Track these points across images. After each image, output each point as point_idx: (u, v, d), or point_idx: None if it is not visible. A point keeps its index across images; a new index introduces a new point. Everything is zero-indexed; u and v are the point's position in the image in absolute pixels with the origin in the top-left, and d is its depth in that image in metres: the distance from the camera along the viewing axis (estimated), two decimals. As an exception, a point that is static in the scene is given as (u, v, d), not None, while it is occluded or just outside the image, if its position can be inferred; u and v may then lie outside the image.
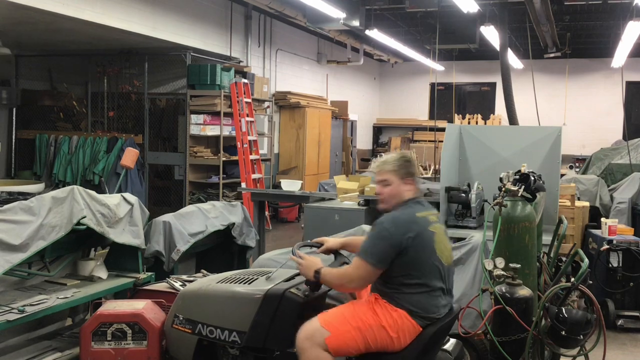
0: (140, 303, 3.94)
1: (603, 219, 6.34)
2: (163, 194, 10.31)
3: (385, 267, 3.08)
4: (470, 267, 4.54)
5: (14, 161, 10.24)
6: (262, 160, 10.62)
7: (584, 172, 9.51)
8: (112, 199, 4.57)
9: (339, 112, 14.98)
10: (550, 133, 6.24)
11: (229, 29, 10.77)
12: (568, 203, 6.88)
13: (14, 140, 10.25)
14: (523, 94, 12.69)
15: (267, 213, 9.87)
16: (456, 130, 6.65)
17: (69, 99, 10.69)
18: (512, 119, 10.99)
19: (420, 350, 3.07)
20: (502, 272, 3.80)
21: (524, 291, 3.76)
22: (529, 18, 10.71)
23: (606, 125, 16.56)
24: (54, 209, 4.08)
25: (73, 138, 9.80)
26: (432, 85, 17.02)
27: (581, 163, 12.93)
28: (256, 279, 3.56)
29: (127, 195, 4.75)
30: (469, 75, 17.99)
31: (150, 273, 4.77)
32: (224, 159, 9.85)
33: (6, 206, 3.93)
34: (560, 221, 4.93)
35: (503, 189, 4.19)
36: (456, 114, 16.71)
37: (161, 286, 4.46)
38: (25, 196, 4.71)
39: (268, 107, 11.69)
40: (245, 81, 10.06)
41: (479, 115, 17.38)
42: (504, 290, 3.76)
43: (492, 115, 17.60)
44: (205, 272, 4.78)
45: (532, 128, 7.08)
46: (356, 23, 10.35)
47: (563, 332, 3.57)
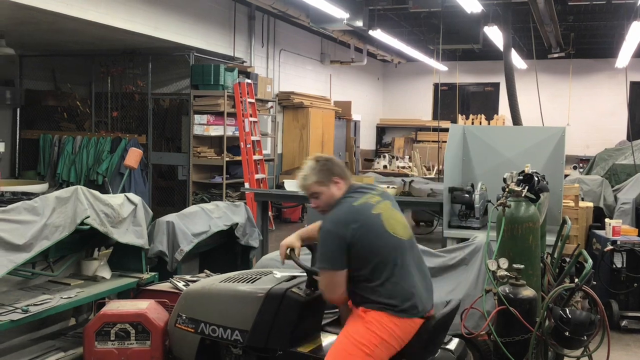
0: (143, 303, 3.94)
1: (607, 220, 6.33)
2: (166, 194, 10.32)
3: (344, 267, 3.02)
4: (473, 268, 4.54)
5: (18, 161, 10.25)
6: (266, 160, 10.62)
7: (588, 173, 9.49)
8: (116, 199, 4.58)
9: (343, 113, 14.97)
10: (554, 133, 6.23)
11: (233, 29, 10.78)
12: (572, 203, 6.87)
13: (18, 140, 10.26)
14: (527, 94, 12.67)
15: (271, 213, 9.86)
16: (460, 130, 6.64)
17: (73, 99, 10.71)
18: (516, 119, 10.98)
19: (420, 345, 3.04)
20: (506, 273, 3.79)
21: (528, 292, 3.76)
22: (533, 18, 10.70)
23: (610, 125, 16.52)
24: (58, 209, 4.09)
25: (77, 138, 9.81)
26: (436, 85, 17.03)
27: (585, 163, 12.88)
28: (259, 279, 3.56)
29: (131, 195, 4.76)
30: (473, 75, 17.97)
31: (153, 273, 4.77)
32: (228, 159, 9.85)
33: (10, 206, 3.94)
34: (564, 222, 4.93)
35: (507, 190, 4.18)
36: (460, 115, 16.68)
37: (164, 286, 4.46)
38: (29, 196, 4.73)
39: (271, 108, 11.69)
40: (248, 81, 10.07)
41: (483, 115, 17.36)
42: (508, 290, 3.75)
43: (496, 115, 17.58)
44: (208, 272, 4.79)
45: (536, 128, 7.07)
46: (360, 23, 10.34)
47: (567, 333, 3.56)
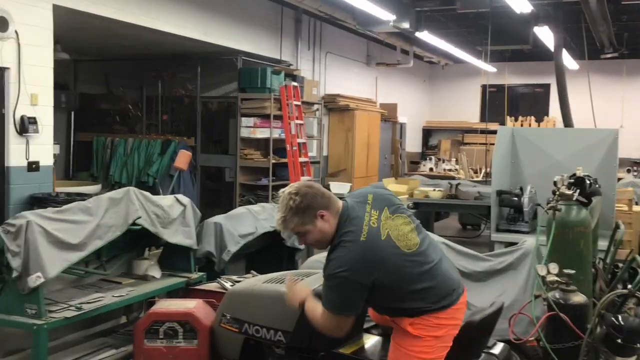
0: (191, 302, 3.99)
1: (662, 225, 6.15)
2: (214, 196, 10.45)
3: (359, 311, 2.89)
4: (522, 273, 4.47)
5: (72, 163, 10.53)
6: (312, 162, 10.65)
7: (643, 176, 9.22)
8: (166, 200, 4.68)
9: (388, 115, 14.90)
10: (606, 135, 6.09)
11: (280, 33, 10.87)
12: (625, 208, 6.70)
13: (72, 142, 10.54)
14: (578, 96, 12.35)
15: (317, 215, 9.88)
16: (508, 132, 6.55)
17: (125, 103, 10.97)
18: (567, 121, 10.74)
19: (461, 346, 2.96)
20: (556, 278, 3.72)
21: (579, 298, 3.68)
22: (585, 18, 10.43)
23: (666, 127, 15.97)
24: (111, 210, 4.20)
25: (128, 140, 10.01)
26: (484, 87, 16.74)
27: (639, 166, 12.51)
28: (302, 280, 3.57)
29: (180, 196, 4.86)
30: (522, 76, 17.63)
31: (202, 273, 4.86)
32: (274, 162, 9.92)
33: (65, 207, 4.07)
34: (617, 226, 4.82)
35: (557, 193, 4.11)
36: (508, 116, 16.39)
37: (212, 286, 4.51)
38: (83, 197, 4.89)
39: (317, 110, 11.73)
40: (295, 84, 10.12)
41: (532, 117, 17.03)
42: (558, 296, 3.68)
43: (546, 117, 17.20)
44: (254, 273, 4.83)
45: (588, 130, 6.93)
46: (406, 25, 10.26)
47: (619, 340, 3.48)
